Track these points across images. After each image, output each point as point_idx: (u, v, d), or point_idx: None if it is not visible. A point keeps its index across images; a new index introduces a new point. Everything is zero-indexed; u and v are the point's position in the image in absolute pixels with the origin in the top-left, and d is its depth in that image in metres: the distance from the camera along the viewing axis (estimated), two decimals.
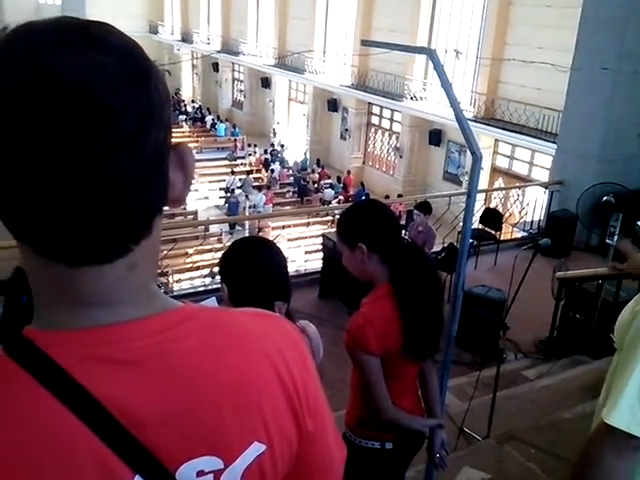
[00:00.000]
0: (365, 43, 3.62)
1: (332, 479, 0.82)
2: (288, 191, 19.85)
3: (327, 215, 15.10)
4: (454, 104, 2.51)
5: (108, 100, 0.53)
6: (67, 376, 0.57)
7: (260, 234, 9.91)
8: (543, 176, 13.37)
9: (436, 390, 2.46)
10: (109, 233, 0.57)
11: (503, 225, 9.48)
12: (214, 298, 1.96)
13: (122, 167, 0.55)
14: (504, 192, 15.35)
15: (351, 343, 2.05)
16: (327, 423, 0.79)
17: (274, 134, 25.42)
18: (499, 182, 16.19)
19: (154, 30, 33.93)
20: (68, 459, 0.56)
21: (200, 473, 0.64)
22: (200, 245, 11.42)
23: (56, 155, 0.52)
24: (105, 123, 0.53)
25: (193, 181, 0.65)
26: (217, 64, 29.03)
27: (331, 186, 19.30)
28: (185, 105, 30.52)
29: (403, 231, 6.43)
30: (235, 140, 24.70)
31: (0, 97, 0.52)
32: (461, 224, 3.10)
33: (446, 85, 2.49)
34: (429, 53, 2.64)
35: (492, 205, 13.66)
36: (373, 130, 21.19)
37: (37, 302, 0.62)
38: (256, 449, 0.67)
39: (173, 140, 0.63)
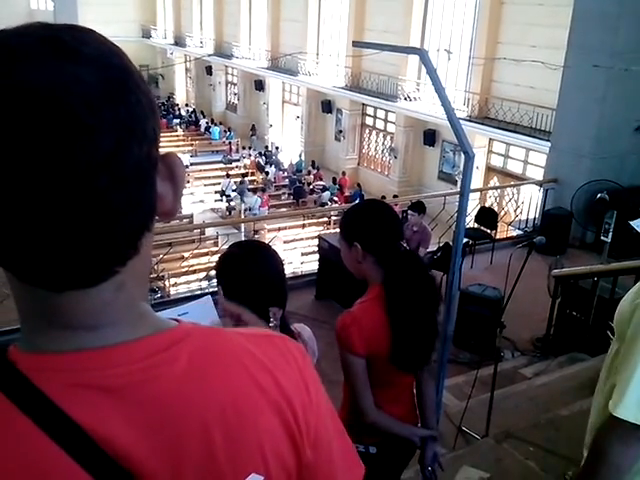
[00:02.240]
0: (356, 44, 3.61)
1: None
2: (284, 193, 19.85)
3: (323, 216, 15.10)
4: (445, 103, 2.51)
5: (84, 119, 0.50)
6: (49, 402, 0.54)
7: (256, 237, 9.92)
8: (538, 174, 13.40)
9: (432, 401, 2.41)
10: (92, 257, 0.54)
11: (498, 224, 9.49)
12: (209, 296, 1.95)
13: (102, 188, 0.52)
14: (499, 191, 15.39)
15: (337, 341, 2.04)
16: (332, 450, 0.75)
17: (253, 132, 25.41)
18: (494, 181, 16.23)
19: (147, 34, 33.89)
20: None
21: None
22: (196, 249, 11.43)
23: (32, 179, 0.49)
24: (82, 143, 0.50)
25: (187, 186, 0.62)
26: (210, 67, 29.01)
27: (325, 188, 19.30)
28: (179, 109, 30.50)
29: None
30: (229, 143, 24.70)
31: None
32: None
33: (437, 84, 2.50)
34: (420, 53, 2.64)
35: (487, 204, 13.68)
36: (367, 131, 21.21)
37: (22, 323, 0.59)
38: None
39: (161, 150, 0.60)
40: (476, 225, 9.25)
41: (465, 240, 7.48)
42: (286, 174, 21.35)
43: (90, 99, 0.51)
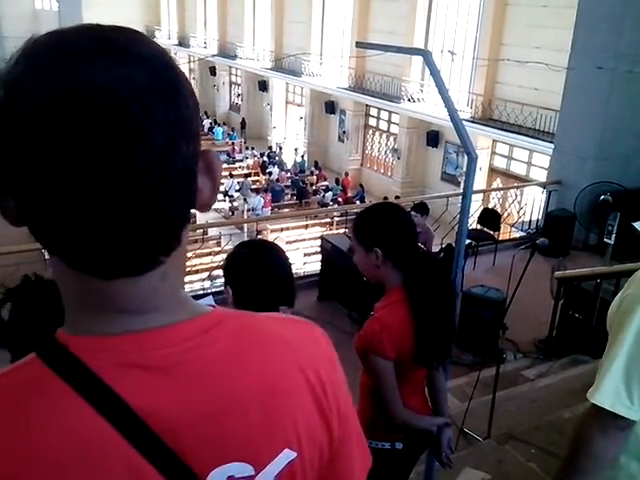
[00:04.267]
0: (359, 45, 3.62)
1: None
2: (287, 193, 19.85)
3: (326, 217, 15.10)
4: (448, 105, 2.51)
5: (138, 117, 0.53)
6: (100, 382, 0.57)
7: (259, 237, 9.92)
8: (541, 176, 13.38)
9: (443, 390, 2.48)
10: (141, 248, 0.57)
11: (501, 225, 9.49)
12: (210, 297, 1.96)
13: (153, 184, 0.54)
14: (502, 192, 15.36)
15: (365, 347, 2.05)
16: (353, 430, 0.79)
17: (243, 126, 25.45)
18: (497, 182, 16.22)
19: (151, 35, 33.89)
20: (100, 465, 0.57)
21: (230, 479, 0.64)
22: (199, 249, 11.42)
23: (89, 174, 0.52)
24: (136, 141, 0.53)
25: (219, 185, 0.65)
26: (214, 68, 29.05)
27: (328, 188, 19.30)
28: None
29: None
30: (233, 143, 24.72)
31: (30, 115, 0.52)
32: None
33: (440, 86, 2.50)
34: (424, 55, 2.64)
35: (490, 205, 13.68)
36: (371, 132, 21.21)
37: (68, 309, 0.63)
38: (287, 456, 0.66)
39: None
40: (479, 226, 9.24)
41: (468, 241, 7.48)
42: (289, 174, 21.36)
43: (143, 99, 0.53)
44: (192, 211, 0.62)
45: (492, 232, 9.11)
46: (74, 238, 0.55)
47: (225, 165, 22.19)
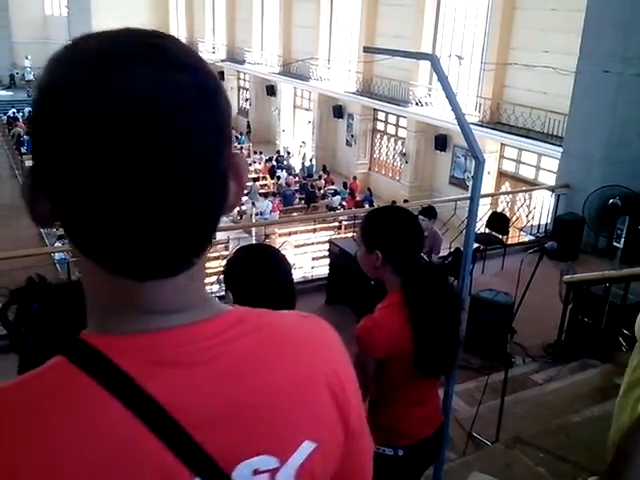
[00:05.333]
0: (367, 50, 3.63)
1: (369, 478, 0.86)
2: (295, 197, 19.87)
3: (334, 221, 15.09)
4: (456, 109, 2.52)
5: (184, 123, 0.53)
6: (130, 380, 0.58)
7: (267, 241, 9.92)
8: (550, 180, 13.34)
9: None
10: (177, 250, 0.58)
11: (510, 229, 9.45)
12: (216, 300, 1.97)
13: (196, 188, 0.55)
14: (511, 196, 15.29)
15: (356, 340, 2.08)
16: (365, 423, 0.82)
17: (249, 130, 25.57)
18: (506, 186, 16.17)
19: None
20: (133, 464, 0.58)
21: (256, 472, 0.65)
22: (207, 252, 11.44)
23: (134, 179, 0.53)
24: (181, 146, 0.53)
25: (245, 188, 0.66)
26: (222, 73, 29.12)
27: (336, 192, 19.31)
28: None
29: None
30: (241, 147, 24.79)
31: (77, 121, 0.52)
32: None
33: (448, 91, 2.51)
34: (431, 59, 2.65)
35: (499, 209, 13.63)
36: (379, 136, 21.21)
37: (94, 309, 0.63)
38: (307, 447, 0.68)
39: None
40: (487, 230, 9.22)
41: (476, 245, 7.47)
42: (297, 179, 21.38)
43: (189, 104, 0.54)
44: None
45: (501, 236, 9.09)
46: (113, 241, 0.55)
47: None
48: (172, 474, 0.59)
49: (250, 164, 22.82)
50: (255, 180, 20.72)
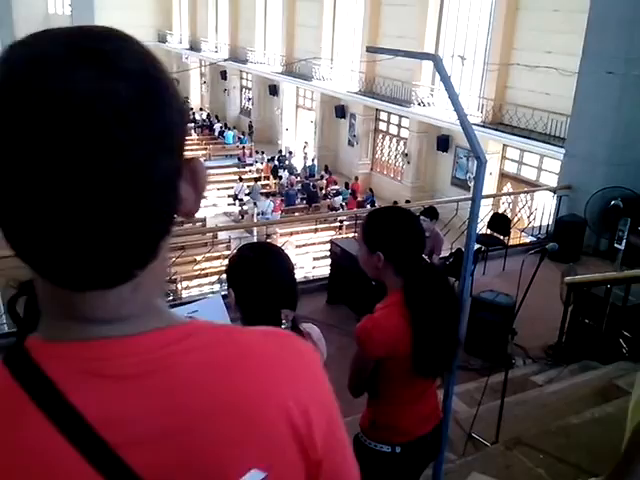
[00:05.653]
0: (370, 49, 3.63)
1: None
2: (297, 197, 19.88)
3: (335, 221, 15.10)
4: (458, 110, 2.52)
5: (116, 133, 0.52)
6: (55, 391, 0.56)
7: (268, 241, 9.94)
8: (552, 181, 13.33)
9: None
10: (114, 262, 0.56)
11: (511, 230, 9.45)
12: (219, 295, 1.97)
13: (129, 199, 0.54)
14: (512, 197, 15.31)
15: (355, 340, 2.11)
16: (340, 451, 0.75)
17: (251, 130, 25.50)
18: (507, 187, 16.16)
19: (163, 39, 34.14)
20: (52, 476, 0.55)
21: None
22: (208, 252, 11.46)
23: (62, 186, 0.51)
24: (114, 156, 0.52)
25: (203, 194, 0.64)
26: (225, 72, 29.16)
27: (338, 192, 19.32)
28: (193, 113, 30.67)
29: None
30: (243, 147, 24.81)
31: (6, 126, 0.51)
32: None
33: (450, 91, 2.50)
34: (434, 59, 2.65)
35: (501, 210, 13.64)
36: (381, 136, 21.21)
37: (42, 313, 0.62)
38: (255, 476, 0.63)
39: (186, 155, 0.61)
40: (489, 231, 9.22)
41: (477, 246, 7.47)
42: (299, 178, 21.39)
43: (124, 115, 0.52)
44: (198, 215, 0.61)
45: (502, 237, 9.08)
46: (46, 251, 0.54)
47: (235, 169, 22.28)
48: None
49: (252, 164, 22.88)
50: (257, 180, 20.73)
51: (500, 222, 9.39)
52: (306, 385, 0.69)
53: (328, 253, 8.25)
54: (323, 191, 19.97)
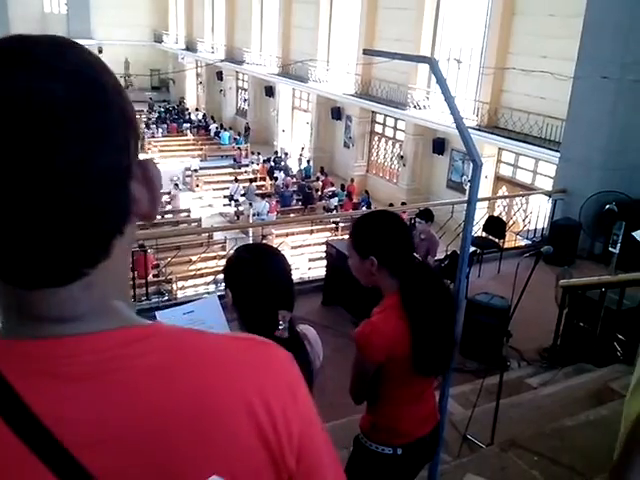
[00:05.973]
0: (366, 52, 3.64)
1: None
2: (293, 198, 19.90)
3: (331, 223, 15.12)
4: (454, 112, 2.53)
5: (51, 131, 0.53)
6: (10, 388, 0.56)
7: (264, 242, 9.95)
8: (547, 184, 13.38)
9: None
10: (60, 260, 0.56)
11: (507, 233, 9.48)
12: (215, 296, 1.98)
13: (68, 195, 0.54)
14: (508, 200, 15.36)
15: (356, 345, 2.11)
16: (322, 460, 0.73)
17: (247, 132, 25.54)
18: (503, 190, 16.21)
19: (159, 39, 34.14)
20: (5, 474, 0.55)
21: None
22: (204, 252, 11.46)
23: (3, 185, 0.52)
24: (49, 152, 0.53)
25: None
26: (221, 73, 29.16)
27: (334, 194, 19.34)
28: (189, 113, 30.66)
29: None
30: (239, 148, 24.80)
31: None
32: None
33: (446, 94, 2.52)
34: (430, 62, 2.66)
35: (496, 213, 13.67)
36: (377, 138, 21.24)
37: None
38: None
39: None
40: (484, 234, 9.25)
41: (473, 249, 7.48)
42: (295, 180, 21.41)
43: (59, 113, 0.54)
44: (194, 216, 0.61)
45: (497, 240, 9.11)
46: None
47: (231, 170, 22.28)
48: None
49: (247, 164, 22.87)
50: (252, 181, 20.73)
51: (495, 225, 9.42)
52: (277, 393, 0.67)
53: (323, 254, 8.25)
54: (319, 193, 19.98)
